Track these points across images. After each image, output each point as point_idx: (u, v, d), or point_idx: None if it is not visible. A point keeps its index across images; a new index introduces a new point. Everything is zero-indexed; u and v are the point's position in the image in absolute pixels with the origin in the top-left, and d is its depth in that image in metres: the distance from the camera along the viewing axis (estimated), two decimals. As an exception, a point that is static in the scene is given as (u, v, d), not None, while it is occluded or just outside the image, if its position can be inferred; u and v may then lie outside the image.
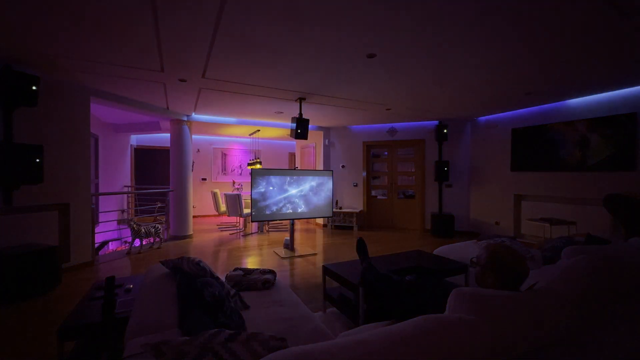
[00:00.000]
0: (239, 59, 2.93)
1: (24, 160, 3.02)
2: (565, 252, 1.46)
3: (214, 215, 8.59)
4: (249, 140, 9.06)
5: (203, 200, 8.51)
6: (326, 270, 2.61)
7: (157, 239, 5.07)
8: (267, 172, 4.58)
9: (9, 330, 2.35)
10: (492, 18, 2.17)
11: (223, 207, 6.88)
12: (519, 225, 5.35)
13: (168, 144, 6.11)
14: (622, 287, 1.40)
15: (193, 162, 6.67)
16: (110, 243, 6.71)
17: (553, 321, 0.98)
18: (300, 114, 4.52)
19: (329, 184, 5.06)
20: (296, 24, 2.26)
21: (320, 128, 7.13)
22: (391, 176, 6.89)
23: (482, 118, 5.90)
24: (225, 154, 9.04)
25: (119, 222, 7.13)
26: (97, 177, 6.12)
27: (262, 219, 4.54)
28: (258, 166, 6.99)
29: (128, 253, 4.63)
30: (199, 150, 8.64)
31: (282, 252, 4.70)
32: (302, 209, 4.82)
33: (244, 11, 2.09)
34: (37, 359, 2.00)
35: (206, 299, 1.40)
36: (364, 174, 6.97)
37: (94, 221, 4.15)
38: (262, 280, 2.12)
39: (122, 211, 7.28)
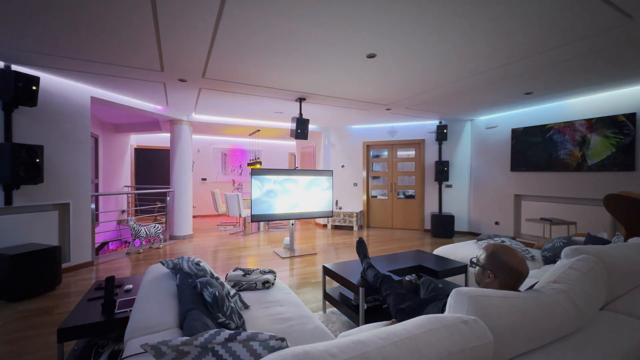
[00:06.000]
0: (239, 59, 2.93)
1: (24, 160, 3.02)
2: (565, 252, 1.46)
3: (214, 215, 8.59)
4: (249, 140, 9.07)
5: (203, 200, 8.51)
6: (326, 270, 2.61)
7: (157, 239, 5.07)
8: (267, 172, 4.58)
9: (8, 330, 2.35)
10: (489, 18, 2.17)
11: (223, 207, 6.88)
12: (519, 225, 5.35)
13: (168, 144, 6.12)
14: (621, 287, 1.40)
15: (193, 162, 6.68)
16: (110, 243, 6.72)
17: (553, 321, 0.98)
18: (301, 114, 4.52)
19: (329, 184, 5.06)
20: (296, 24, 2.26)
21: (320, 128, 7.13)
22: (391, 176, 6.89)
23: (482, 118, 5.90)
24: (225, 154, 9.04)
25: (119, 222, 7.14)
26: (97, 177, 6.13)
27: (262, 219, 4.54)
28: (258, 166, 6.99)
29: (128, 253, 4.63)
30: (199, 150, 8.65)
31: (282, 252, 4.70)
32: (302, 209, 4.82)
33: (243, 11, 2.09)
34: (36, 359, 2.00)
35: (206, 299, 1.40)
36: (364, 174, 6.98)
37: (94, 221, 4.15)
38: (262, 280, 2.12)
39: (122, 211, 7.28)
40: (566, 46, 2.61)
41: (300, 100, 4.47)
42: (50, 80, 3.48)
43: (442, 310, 1.23)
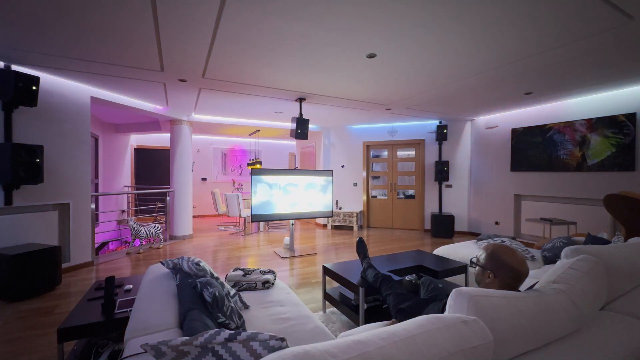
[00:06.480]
0: (239, 59, 2.93)
1: (24, 160, 3.02)
2: (565, 252, 1.46)
3: (214, 215, 8.59)
4: (249, 140, 9.07)
5: (203, 200, 8.51)
6: (326, 270, 2.61)
7: (157, 239, 5.07)
8: (266, 171, 4.58)
9: (8, 330, 2.35)
10: (490, 18, 2.17)
11: (223, 207, 6.88)
12: (519, 225, 5.35)
13: (168, 144, 6.12)
14: (621, 287, 1.40)
15: (193, 162, 6.68)
16: (110, 243, 6.72)
17: (553, 321, 0.98)
18: (301, 114, 4.52)
19: (329, 184, 5.06)
20: (296, 25, 2.26)
21: (320, 128, 7.13)
22: (391, 176, 6.89)
23: (482, 118, 5.91)
24: (225, 154, 9.04)
25: (119, 222, 7.14)
26: (97, 177, 6.13)
27: (262, 219, 4.54)
28: (258, 166, 7.00)
29: (128, 253, 4.63)
30: (199, 150, 8.65)
31: (282, 252, 4.70)
32: (302, 209, 4.82)
33: (244, 12, 2.09)
34: (36, 359, 2.00)
35: (206, 299, 1.40)
36: (364, 174, 6.97)
37: (94, 221, 4.15)
38: (262, 280, 2.12)
39: (122, 211, 7.28)
40: (566, 46, 2.61)
41: (300, 100, 4.47)
42: (50, 80, 3.48)
43: (442, 310, 1.23)
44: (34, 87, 3.08)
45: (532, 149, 5.00)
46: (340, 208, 6.99)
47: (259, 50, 2.73)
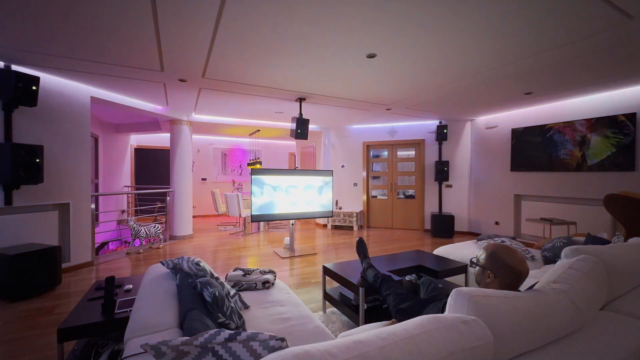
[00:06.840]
0: (239, 59, 2.93)
1: (24, 160, 3.02)
2: (565, 252, 1.46)
3: (214, 215, 8.59)
4: (249, 140, 9.07)
5: (203, 200, 8.51)
6: (326, 270, 2.61)
7: (157, 239, 5.07)
8: (266, 172, 4.58)
9: (8, 330, 2.35)
10: (490, 18, 2.17)
11: (223, 207, 6.88)
12: (519, 225, 5.35)
13: (168, 144, 6.12)
14: (621, 287, 1.40)
15: (193, 162, 6.67)
16: (110, 243, 6.72)
17: (553, 321, 0.98)
18: (301, 114, 4.52)
19: (329, 184, 5.06)
20: (297, 25, 2.26)
21: (320, 128, 7.13)
22: (391, 176, 6.89)
23: (482, 118, 5.90)
24: (225, 154, 9.04)
25: (119, 222, 7.14)
26: (97, 177, 6.13)
27: (262, 219, 4.54)
28: (258, 166, 7.00)
29: (128, 253, 4.63)
30: (199, 150, 8.65)
31: (282, 252, 4.70)
32: (302, 209, 4.82)
33: (243, 12, 2.09)
34: (36, 359, 2.00)
35: (206, 299, 1.40)
36: (364, 174, 6.97)
37: (94, 221, 4.15)
38: (262, 280, 2.12)
39: (122, 211, 7.28)
40: (566, 46, 2.61)
41: (300, 100, 4.47)
42: (50, 80, 3.48)
43: (442, 311, 1.23)
44: (34, 87, 3.08)
45: (532, 149, 5.00)
46: (340, 208, 6.99)
47: (259, 50, 2.73)
